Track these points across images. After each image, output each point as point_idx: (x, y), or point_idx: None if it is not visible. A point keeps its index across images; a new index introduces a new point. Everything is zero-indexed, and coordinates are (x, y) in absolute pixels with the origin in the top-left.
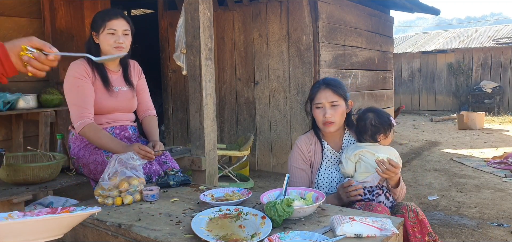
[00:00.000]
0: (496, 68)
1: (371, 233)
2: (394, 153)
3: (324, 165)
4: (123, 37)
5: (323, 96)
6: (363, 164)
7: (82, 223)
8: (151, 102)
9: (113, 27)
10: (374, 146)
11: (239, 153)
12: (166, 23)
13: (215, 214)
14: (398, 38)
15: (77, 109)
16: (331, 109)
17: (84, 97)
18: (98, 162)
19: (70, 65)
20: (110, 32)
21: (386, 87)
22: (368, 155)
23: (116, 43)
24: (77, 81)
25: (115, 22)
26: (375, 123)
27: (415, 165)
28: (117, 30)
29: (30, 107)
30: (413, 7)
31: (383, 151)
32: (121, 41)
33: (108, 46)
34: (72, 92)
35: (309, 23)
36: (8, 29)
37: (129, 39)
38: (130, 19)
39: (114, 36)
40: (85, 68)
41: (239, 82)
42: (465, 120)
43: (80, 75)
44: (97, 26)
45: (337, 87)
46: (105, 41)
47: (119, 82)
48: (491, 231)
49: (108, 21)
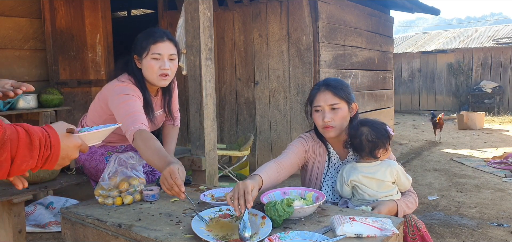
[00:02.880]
0: (496, 68)
1: (371, 233)
2: (394, 172)
3: (329, 173)
4: (169, 63)
5: (322, 98)
6: (359, 194)
7: (82, 223)
8: (178, 112)
9: (158, 51)
10: (371, 166)
11: (239, 153)
12: (166, 23)
13: (215, 214)
14: (398, 38)
15: (128, 118)
16: (330, 112)
17: (135, 106)
18: (99, 168)
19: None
20: (155, 57)
21: (386, 87)
22: (365, 181)
23: (161, 69)
24: (125, 97)
25: (160, 46)
26: (371, 138)
27: (415, 165)
28: (163, 55)
29: (30, 107)
30: (413, 7)
31: (383, 171)
32: (166, 66)
33: (152, 73)
34: (120, 107)
35: (309, 23)
36: (8, 29)
37: (175, 64)
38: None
39: (159, 61)
40: (133, 87)
41: (239, 82)
42: (465, 120)
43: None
44: (140, 49)
45: (338, 88)
46: (149, 67)
47: (156, 107)
48: (491, 231)
49: (152, 44)
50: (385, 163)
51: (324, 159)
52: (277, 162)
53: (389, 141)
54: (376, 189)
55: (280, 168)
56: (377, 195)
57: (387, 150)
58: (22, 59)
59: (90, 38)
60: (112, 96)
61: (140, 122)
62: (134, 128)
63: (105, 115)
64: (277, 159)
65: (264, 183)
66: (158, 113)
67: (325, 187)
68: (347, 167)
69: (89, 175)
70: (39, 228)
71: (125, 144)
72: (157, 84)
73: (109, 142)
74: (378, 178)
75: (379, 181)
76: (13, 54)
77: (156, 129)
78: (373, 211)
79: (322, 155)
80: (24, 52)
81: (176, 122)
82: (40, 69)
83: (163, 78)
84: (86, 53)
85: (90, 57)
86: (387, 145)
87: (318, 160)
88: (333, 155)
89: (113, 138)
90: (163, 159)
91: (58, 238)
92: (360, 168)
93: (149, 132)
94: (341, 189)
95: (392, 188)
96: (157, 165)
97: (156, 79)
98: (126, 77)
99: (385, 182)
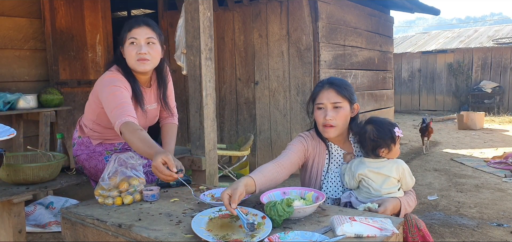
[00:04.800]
0: (496, 68)
1: (371, 233)
2: (400, 169)
3: (330, 170)
4: (146, 47)
5: (325, 96)
6: (365, 189)
7: (82, 223)
8: (175, 109)
9: (134, 36)
10: (378, 162)
11: (239, 153)
12: (166, 23)
13: (215, 214)
14: (398, 38)
15: (116, 111)
16: (333, 111)
17: (122, 98)
18: (98, 168)
19: (102, 76)
20: (131, 41)
21: (386, 87)
22: (371, 175)
23: (138, 54)
24: (113, 88)
25: (136, 31)
26: (373, 137)
27: (415, 165)
28: (139, 39)
29: (30, 107)
30: (413, 7)
31: (389, 166)
32: (143, 51)
33: (131, 58)
34: (109, 99)
35: (309, 23)
36: (8, 29)
37: (155, 49)
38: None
39: (136, 46)
40: (121, 77)
41: (239, 82)
42: (465, 120)
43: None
44: (121, 39)
45: (341, 87)
46: (127, 53)
47: (148, 100)
48: (491, 231)
49: (129, 31)
50: (392, 160)
51: (324, 157)
52: (275, 162)
53: (393, 142)
54: (381, 184)
55: (278, 167)
56: (380, 190)
57: (392, 151)
58: (22, 59)
59: (90, 38)
60: (102, 88)
61: (127, 114)
62: (121, 121)
63: (98, 109)
64: (276, 160)
65: (256, 183)
66: (152, 106)
67: (325, 184)
68: (356, 161)
69: (89, 175)
70: (39, 228)
71: (123, 141)
72: (137, 69)
73: (107, 139)
74: (384, 173)
75: (384, 176)
76: (13, 54)
77: (151, 124)
78: (379, 208)
79: (322, 153)
80: (24, 52)
81: (175, 118)
82: (40, 69)
83: (142, 62)
84: (86, 53)
85: (90, 57)
86: (392, 146)
87: (318, 158)
88: (334, 152)
89: (110, 135)
90: (152, 148)
91: (58, 238)
92: (368, 163)
93: (136, 123)
94: (349, 181)
95: (395, 185)
96: (147, 153)
97: (135, 65)
98: (115, 68)
99: (390, 178)
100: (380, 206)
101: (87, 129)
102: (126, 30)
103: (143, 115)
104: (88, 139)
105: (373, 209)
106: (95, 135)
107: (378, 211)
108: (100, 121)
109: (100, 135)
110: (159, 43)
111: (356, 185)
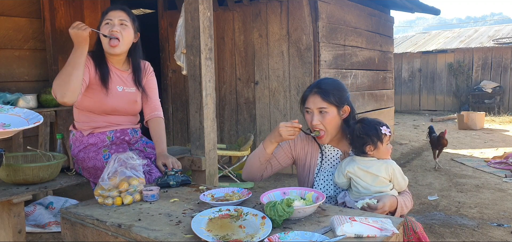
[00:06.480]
0: (496, 68)
1: (371, 233)
2: (390, 170)
3: (323, 168)
4: (119, 27)
5: (311, 101)
6: (354, 188)
7: (82, 223)
8: (159, 102)
9: (109, 18)
10: (367, 161)
11: (239, 153)
12: (166, 23)
13: (215, 214)
14: (398, 38)
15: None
16: (319, 115)
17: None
18: (97, 167)
19: None
20: (106, 22)
21: (386, 87)
22: (360, 174)
23: (110, 32)
24: None
25: (111, 13)
26: (359, 133)
27: (415, 165)
28: (113, 20)
29: (30, 107)
30: (413, 7)
31: (378, 166)
32: (115, 29)
33: (104, 39)
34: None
35: (309, 23)
36: (8, 29)
37: (128, 31)
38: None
39: (109, 26)
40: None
41: (239, 82)
42: (465, 120)
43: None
44: (99, 23)
45: (327, 93)
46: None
47: (125, 82)
48: (491, 231)
49: (105, 14)
50: (382, 160)
51: (316, 156)
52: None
53: (379, 139)
54: (370, 183)
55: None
56: (370, 188)
57: (379, 150)
58: (22, 59)
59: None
60: None
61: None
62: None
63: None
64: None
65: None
66: (129, 90)
67: (317, 181)
68: (347, 159)
69: (88, 176)
70: (39, 228)
71: (113, 130)
72: (109, 51)
73: (97, 128)
74: (373, 172)
75: (373, 176)
76: (13, 54)
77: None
78: (378, 203)
79: (315, 152)
80: (24, 52)
81: (159, 112)
82: (40, 69)
83: (112, 43)
84: None
85: None
86: (379, 144)
87: (310, 157)
88: (328, 151)
89: (97, 122)
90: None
91: (57, 238)
92: (358, 160)
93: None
94: (338, 178)
95: (386, 184)
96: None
97: (107, 47)
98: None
99: (379, 177)
100: (379, 202)
101: (77, 123)
102: (104, 14)
103: (111, 95)
104: (80, 133)
105: (372, 204)
106: (84, 125)
107: (377, 206)
108: (80, 106)
109: (88, 124)
110: (132, 28)
111: (345, 182)
